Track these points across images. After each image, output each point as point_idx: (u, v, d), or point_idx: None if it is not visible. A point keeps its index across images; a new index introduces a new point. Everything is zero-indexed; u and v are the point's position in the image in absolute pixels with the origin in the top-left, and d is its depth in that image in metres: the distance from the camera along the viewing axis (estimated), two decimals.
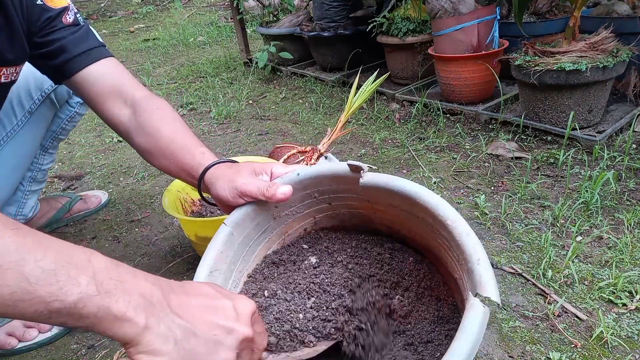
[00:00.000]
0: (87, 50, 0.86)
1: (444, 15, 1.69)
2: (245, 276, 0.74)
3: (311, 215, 0.78)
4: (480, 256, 0.51)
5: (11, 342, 0.92)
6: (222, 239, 0.68)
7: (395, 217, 0.70)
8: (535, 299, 0.92)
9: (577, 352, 0.80)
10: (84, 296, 0.41)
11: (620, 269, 0.96)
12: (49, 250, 0.42)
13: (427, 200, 0.59)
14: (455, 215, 0.56)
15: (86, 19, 5.05)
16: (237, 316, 0.48)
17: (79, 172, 1.72)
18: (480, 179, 1.36)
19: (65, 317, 0.42)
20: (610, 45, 1.39)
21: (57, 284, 0.41)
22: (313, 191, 0.74)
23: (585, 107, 1.43)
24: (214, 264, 0.66)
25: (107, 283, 0.43)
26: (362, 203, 0.72)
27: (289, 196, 0.65)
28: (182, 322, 0.45)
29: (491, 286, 0.48)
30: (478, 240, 0.52)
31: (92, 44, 0.88)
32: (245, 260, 0.73)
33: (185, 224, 1.01)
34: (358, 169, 0.65)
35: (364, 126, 1.81)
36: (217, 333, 0.46)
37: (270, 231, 0.76)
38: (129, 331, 0.42)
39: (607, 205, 1.16)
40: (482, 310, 0.46)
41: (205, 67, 2.84)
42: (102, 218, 1.40)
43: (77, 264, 0.43)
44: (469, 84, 1.72)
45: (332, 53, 2.33)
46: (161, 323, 0.43)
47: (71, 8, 0.87)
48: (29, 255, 0.41)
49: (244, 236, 0.72)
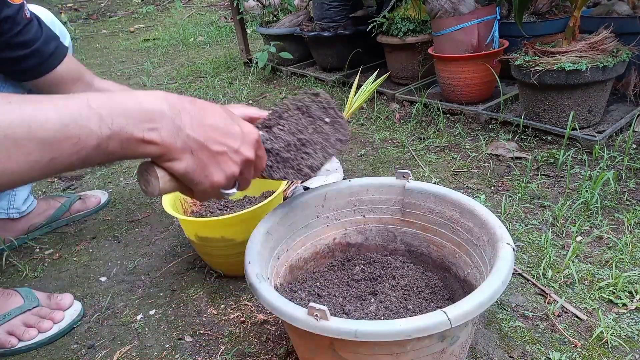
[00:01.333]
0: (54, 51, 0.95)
1: (444, 15, 1.69)
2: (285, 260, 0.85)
3: (344, 225, 0.91)
4: (500, 224, 0.71)
5: (11, 340, 0.92)
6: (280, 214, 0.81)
7: (422, 225, 0.87)
8: (535, 299, 0.92)
9: (577, 352, 0.80)
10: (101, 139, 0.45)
11: (620, 269, 0.96)
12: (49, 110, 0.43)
13: (456, 197, 0.80)
14: (479, 205, 0.77)
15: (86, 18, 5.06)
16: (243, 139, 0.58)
17: (79, 172, 1.72)
18: (480, 179, 1.36)
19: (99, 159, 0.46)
20: (610, 45, 1.39)
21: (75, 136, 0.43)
22: (356, 199, 0.88)
23: (585, 107, 1.43)
24: (270, 228, 0.78)
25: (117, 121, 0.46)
26: (394, 215, 0.89)
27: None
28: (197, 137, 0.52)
29: (510, 239, 0.68)
30: (497, 218, 0.74)
31: (54, 42, 0.95)
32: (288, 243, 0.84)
33: (185, 224, 1.01)
34: (406, 175, 0.85)
35: (364, 126, 1.81)
36: (224, 151, 0.55)
37: (311, 228, 0.87)
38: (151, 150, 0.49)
39: (607, 205, 1.16)
40: (509, 247, 0.66)
41: (205, 67, 2.84)
42: (102, 218, 1.40)
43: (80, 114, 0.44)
44: (469, 84, 1.72)
45: (332, 53, 2.33)
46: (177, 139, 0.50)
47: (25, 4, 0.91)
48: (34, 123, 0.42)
49: (294, 220, 0.84)
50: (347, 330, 0.54)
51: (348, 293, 0.83)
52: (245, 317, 0.95)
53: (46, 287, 1.12)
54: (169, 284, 1.08)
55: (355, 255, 0.92)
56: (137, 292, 1.07)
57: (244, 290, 1.03)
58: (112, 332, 0.96)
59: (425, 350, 0.59)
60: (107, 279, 1.13)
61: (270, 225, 0.78)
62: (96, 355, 0.91)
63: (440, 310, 0.55)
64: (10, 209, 1.23)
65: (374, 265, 0.89)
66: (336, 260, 0.91)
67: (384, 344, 0.56)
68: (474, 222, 0.76)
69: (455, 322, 0.55)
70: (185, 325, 0.95)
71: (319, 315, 0.56)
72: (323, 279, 0.86)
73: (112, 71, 3.06)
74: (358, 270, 0.88)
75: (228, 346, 0.89)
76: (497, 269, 0.62)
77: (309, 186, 1.25)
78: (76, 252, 1.25)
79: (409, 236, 0.89)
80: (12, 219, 1.24)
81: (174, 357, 0.88)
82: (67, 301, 1.00)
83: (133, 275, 1.13)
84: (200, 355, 0.87)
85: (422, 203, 0.85)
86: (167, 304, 1.02)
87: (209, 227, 0.97)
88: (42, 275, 1.17)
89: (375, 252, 0.92)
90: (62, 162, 0.44)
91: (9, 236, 1.25)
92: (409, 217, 0.88)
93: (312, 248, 0.89)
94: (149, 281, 1.10)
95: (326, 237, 0.90)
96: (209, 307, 0.99)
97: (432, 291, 0.83)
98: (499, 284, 0.59)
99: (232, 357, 0.86)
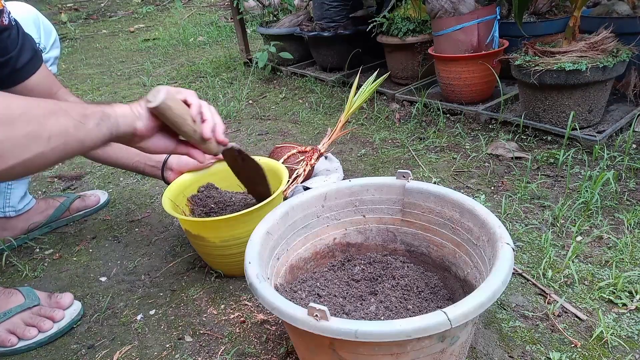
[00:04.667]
0: (28, 62, 0.95)
1: (444, 15, 1.69)
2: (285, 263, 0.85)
3: (345, 225, 0.91)
4: (499, 224, 0.72)
5: (11, 339, 0.92)
6: (280, 214, 0.82)
7: (422, 225, 0.86)
8: (535, 299, 0.92)
9: (577, 352, 0.80)
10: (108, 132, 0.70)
11: (620, 269, 0.96)
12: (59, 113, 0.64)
13: (456, 197, 0.80)
14: (479, 205, 0.77)
15: (86, 18, 5.06)
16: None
17: (79, 172, 1.72)
18: (480, 179, 1.36)
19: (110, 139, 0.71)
20: (610, 45, 1.39)
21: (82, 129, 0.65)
22: (356, 199, 0.88)
23: (585, 107, 1.43)
24: (271, 228, 0.79)
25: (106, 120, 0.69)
26: (394, 215, 0.89)
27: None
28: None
29: (509, 238, 0.68)
30: (496, 218, 0.74)
31: (30, 53, 0.94)
32: (288, 242, 0.84)
33: (185, 224, 1.01)
34: (407, 175, 0.85)
35: (364, 126, 1.81)
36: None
37: (311, 228, 0.88)
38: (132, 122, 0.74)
39: (607, 205, 1.16)
40: (508, 247, 0.66)
41: (205, 67, 2.83)
42: (102, 218, 1.40)
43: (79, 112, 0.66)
44: (469, 84, 1.72)
45: (332, 53, 2.33)
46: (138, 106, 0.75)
47: (5, 10, 0.88)
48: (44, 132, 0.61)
49: (294, 220, 0.84)
50: (347, 330, 0.54)
51: (348, 293, 0.83)
52: (245, 317, 0.95)
53: (46, 287, 1.12)
54: (169, 284, 1.08)
55: (356, 255, 0.92)
56: (137, 292, 1.07)
57: (244, 290, 1.03)
58: (112, 332, 0.96)
59: (426, 351, 0.59)
60: (107, 279, 1.13)
61: (270, 225, 0.78)
62: (96, 355, 0.90)
63: (440, 311, 0.55)
64: (6, 207, 1.22)
65: (373, 265, 0.89)
66: (336, 260, 0.91)
67: (384, 344, 0.56)
68: (474, 222, 0.76)
69: (455, 322, 0.55)
70: (185, 325, 0.95)
71: (319, 316, 0.56)
72: (323, 278, 0.86)
73: (112, 71, 3.06)
74: (358, 270, 0.88)
75: (228, 346, 0.88)
76: (497, 268, 0.62)
77: (309, 186, 1.25)
78: (76, 252, 1.25)
79: (409, 236, 0.89)
80: (8, 217, 1.24)
81: (174, 357, 0.88)
82: (67, 300, 1.00)
83: (133, 275, 1.13)
84: (200, 355, 0.87)
85: (422, 203, 0.85)
86: (167, 304, 1.02)
87: (208, 227, 0.97)
88: (42, 275, 1.17)
89: (375, 252, 0.92)
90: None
91: (8, 236, 1.25)
92: (409, 217, 0.88)
93: (312, 248, 0.89)
94: (149, 281, 1.10)
95: (326, 237, 0.90)
96: (209, 307, 0.99)
97: (432, 291, 0.83)
98: (498, 284, 0.59)
99: (232, 357, 0.86)
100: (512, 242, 0.67)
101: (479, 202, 1.21)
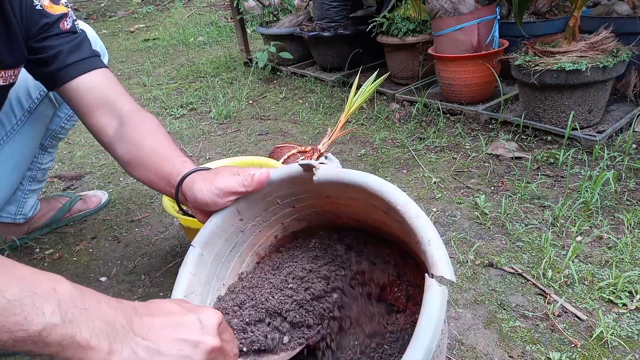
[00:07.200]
0: (79, 61, 0.89)
1: (444, 15, 1.69)
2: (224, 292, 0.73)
3: (279, 221, 0.77)
4: (431, 236, 0.51)
5: None
6: (193, 262, 0.68)
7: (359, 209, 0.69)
8: (535, 299, 0.92)
9: (577, 352, 0.80)
10: (48, 325, 0.42)
11: (620, 269, 0.96)
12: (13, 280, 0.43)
13: (377, 188, 0.57)
14: (405, 199, 0.55)
15: (86, 19, 5.06)
16: (202, 328, 0.49)
17: (79, 172, 1.72)
18: (480, 179, 1.36)
19: (30, 346, 0.42)
20: (610, 45, 1.39)
21: (21, 313, 0.42)
22: (274, 197, 0.73)
23: (585, 107, 1.43)
24: (188, 287, 0.67)
25: (71, 311, 0.44)
26: (323, 200, 0.71)
27: (267, 178, 0.66)
28: (146, 342, 0.46)
29: (443, 265, 0.48)
30: (429, 222, 0.53)
31: (85, 53, 0.90)
32: (220, 277, 0.73)
33: (185, 224, 1.01)
34: (310, 167, 0.64)
35: (364, 126, 1.81)
36: (183, 348, 0.47)
37: (241, 245, 0.75)
38: (94, 358, 0.44)
39: (607, 205, 1.16)
40: (439, 289, 0.47)
41: (205, 67, 2.84)
42: (102, 218, 1.40)
43: (42, 293, 0.43)
44: (469, 84, 1.72)
45: (332, 53, 2.33)
46: (124, 347, 0.45)
47: (70, 15, 0.89)
48: None
49: (215, 254, 0.71)
50: None
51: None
52: None
53: None
54: (169, 284, 1.08)
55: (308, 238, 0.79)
56: (137, 292, 1.07)
57: None
58: None
59: None
60: (107, 279, 1.13)
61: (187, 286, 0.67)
62: None
63: None
64: (17, 215, 1.23)
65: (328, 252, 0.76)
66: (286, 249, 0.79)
67: None
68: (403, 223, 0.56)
69: None
70: None
71: None
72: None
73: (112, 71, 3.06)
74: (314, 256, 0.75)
75: None
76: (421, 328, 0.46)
77: None
78: (76, 252, 1.25)
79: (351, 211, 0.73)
80: (17, 223, 1.25)
81: None
82: None
83: (133, 275, 1.13)
84: None
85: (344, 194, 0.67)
86: None
87: None
88: None
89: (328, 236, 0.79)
90: None
91: (11, 236, 1.26)
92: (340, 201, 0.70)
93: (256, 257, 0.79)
94: (149, 281, 1.10)
95: (265, 239, 0.79)
96: None
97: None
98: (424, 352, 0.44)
99: None
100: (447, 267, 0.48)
101: (481, 202, 1.21)
